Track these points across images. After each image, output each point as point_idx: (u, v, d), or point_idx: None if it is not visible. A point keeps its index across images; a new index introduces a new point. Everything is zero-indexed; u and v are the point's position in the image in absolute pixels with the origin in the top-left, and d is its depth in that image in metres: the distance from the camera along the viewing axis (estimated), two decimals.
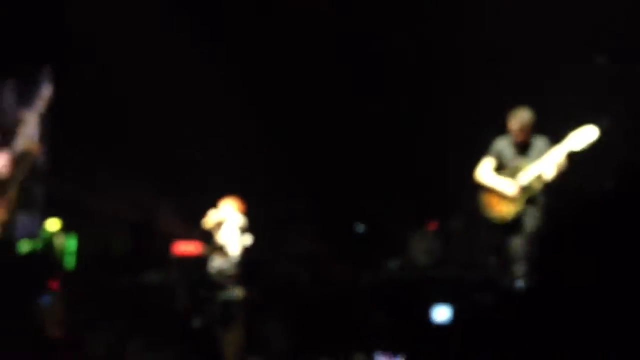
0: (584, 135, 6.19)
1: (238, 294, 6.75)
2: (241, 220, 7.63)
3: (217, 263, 7.46)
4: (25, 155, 6.22)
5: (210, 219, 7.65)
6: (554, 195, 6.26)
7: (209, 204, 7.70)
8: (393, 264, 8.18)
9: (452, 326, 4.40)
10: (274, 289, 6.29)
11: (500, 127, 6.56)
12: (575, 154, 6.20)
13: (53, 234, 7.02)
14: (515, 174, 6.41)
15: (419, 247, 8.30)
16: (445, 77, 8.20)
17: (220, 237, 7.59)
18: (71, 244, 7.22)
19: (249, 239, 7.58)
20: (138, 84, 8.16)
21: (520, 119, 6.40)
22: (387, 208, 8.80)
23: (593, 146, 6.19)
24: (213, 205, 7.69)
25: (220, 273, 7.39)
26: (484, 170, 6.57)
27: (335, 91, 8.72)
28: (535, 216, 6.28)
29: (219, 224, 7.64)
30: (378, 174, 8.67)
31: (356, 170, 8.69)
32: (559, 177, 6.22)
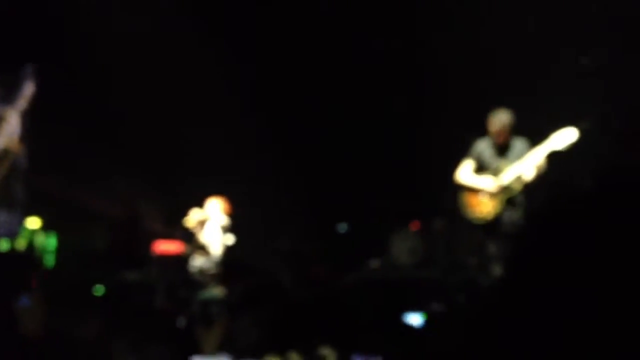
0: (564, 137, 6.22)
1: (218, 293, 6.75)
2: (224, 220, 7.64)
3: (199, 262, 7.47)
4: (5, 153, 6.20)
5: (192, 218, 7.65)
6: (532, 195, 6.28)
7: (191, 203, 7.70)
8: (375, 263, 8.20)
9: (430, 328, 4.42)
10: (254, 288, 6.28)
11: (481, 129, 6.58)
12: (555, 154, 6.23)
13: (33, 232, 7.00)
14: (496, 175, 6.43)
15: (401, 247, 8.32)
16: (429, 81, 8.21)
17: (203, 237, 7.59)
18: (51, 242, 7.20)
19: (230, 239, 7.59)
20: (122, 81, 8.14)
21: (499, 121, 6.42)
22: (370, 208, 8.82)
23: (572, 146, 6.22)
24: (195, 204, 7.69)
25: (202, 272, 7.39)
26: (464, 172, 6.59)
27: (322, 93, 8.72)
28: (514, 217, 6.31)
29: (202, 223, 7.64)
30: (361, 174, 8.68)
31: (340, 171, 8.70)
32: (539, 178, 6.24)
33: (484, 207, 6.46)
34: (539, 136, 6.37)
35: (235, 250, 7.54)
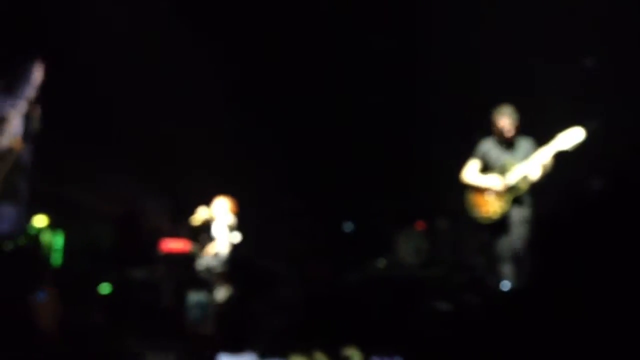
0: (571, 137, 6.22)
1: (216, 295, 6.77)
2: (231, 219, 7.64)
3: (205, 261, 7.47)
4: (8, 151, 6.21)
5: (198, 216, 7.66)
6: (541, 196, 6.28)
7: (198, 201, 7.71)
8: (380, 263, 8.20)
9: (445, 327, 4.42)
10: (260, 286, 6.30)
11: (486, 129, 6.59)
12: (562, 154, 6.22)
13: (40, 230, 7.00)
14: (502, 174, 6.44)
15: (407, 247, 8.33)
16: (433, 79, 8.22)
17: (209, 235, 7.60)
18: (58, 240, 7.21)
19: (237, 237, 7.59)
20: (124, 79, 8.15)
21: (503, 115, 6.44)
22: (376, 208, 8.82)
23: (580, 146, 6.22)
24: (202, 202, 7.70)
25: (208, 271, 7.40)
26: (470, 172, 6.60)
27: (324, 91, 8.73)
28: (521, 216, 6.31)
29: (208, 222, 7.65)
30: (367, 174, 8.69)
31: (345, 170, 8.71)
32: (545, 178, 6.25)
33: (490, 207, 6.46)
34: (545, 136, 6.37)
35: (242, 249, 7.55)
